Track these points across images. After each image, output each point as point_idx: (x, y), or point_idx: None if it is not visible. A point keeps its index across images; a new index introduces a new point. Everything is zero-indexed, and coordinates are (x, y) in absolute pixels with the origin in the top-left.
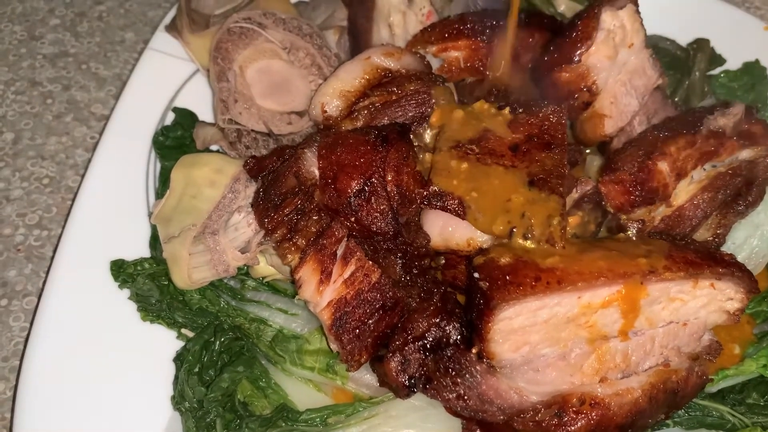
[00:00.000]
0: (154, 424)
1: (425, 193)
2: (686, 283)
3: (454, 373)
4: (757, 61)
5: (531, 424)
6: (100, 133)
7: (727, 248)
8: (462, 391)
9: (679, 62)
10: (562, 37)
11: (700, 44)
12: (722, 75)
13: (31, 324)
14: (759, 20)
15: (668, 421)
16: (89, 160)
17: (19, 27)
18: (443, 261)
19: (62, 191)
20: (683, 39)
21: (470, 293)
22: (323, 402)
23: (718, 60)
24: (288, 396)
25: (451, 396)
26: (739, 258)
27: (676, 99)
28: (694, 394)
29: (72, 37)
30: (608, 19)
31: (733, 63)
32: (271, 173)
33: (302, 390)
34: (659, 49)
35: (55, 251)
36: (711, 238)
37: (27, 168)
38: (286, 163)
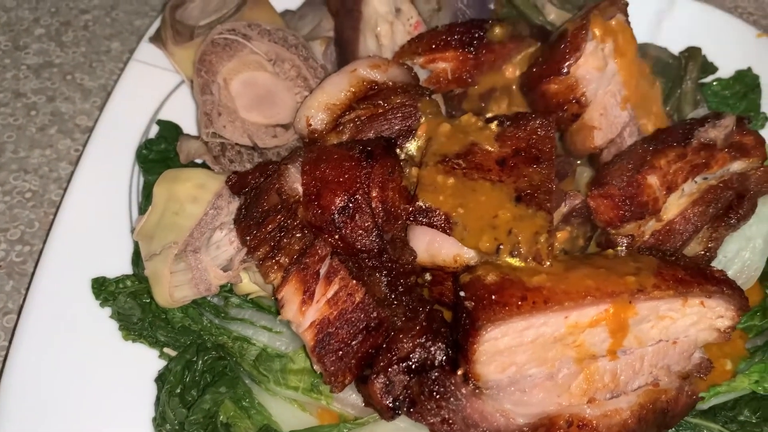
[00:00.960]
0: None
1: (411, 209)
2: (675, 302)
3: (438, 396)
4: (749, 69)
5: None
6: (84, 146)
7: (718, 261)
8: (447, 415)
9: (671, 70)
10: (550, 47)
11: (692, 52)
12: (715, 83)
13: (10, 343)
14: (752, 27)
15: None
16: (72, 174)
17: (3, 37)
18: (430, 277)
19: (45, 205)
20: (676, 46)
21: (457, 311)
22: (308, 422)
23: (711, 68)
24: (272, 416)
25: (435, 420)
26: (732, 271)
27: (668, 108)
28: (684, 413)
29: (57, 47)
30: (597, 29)
31: (726, 70)
32: (254, 189)
33: (287, 410)
34: (651, 56)
35: (35, 267)
36: (702, 252)
37: (9, 182)
38: (268, 179)
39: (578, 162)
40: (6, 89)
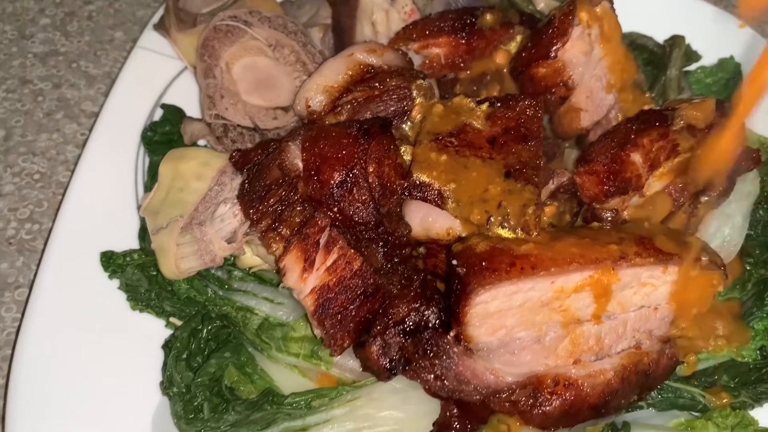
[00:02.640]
0: (143, 408)
1: (406, 184)
2: (656, 269)
3: (432, 354)
4: (731, 57)
5: (507, 404)
6: (90, 130)
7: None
8: (439, 372)
9: (657, 58)
10: (539, 32)
11: (676, 41)
12: (698, 71)
13: (23, 315)
14: (735, 17)
15: (642, 403)
16: (79, 156)
17: (9, 26)
18: (424, 250)
19: (53, 186)
20: (662, 35)
21: (449, 280)
22: (308, 387)
23: (695, 56)
24: (274, 381)
25: (429, 377)
26: (712, 247)
27: (653, 94)
28: (665, 375)
29: (62, 36)
30: (584, 15)
31: (709, 59)
32: (256, 165)
33: (287, 375)
34: (637, 45)
35: (46, 244)
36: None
37: (18, 164)
38: (270, 155)
39: (566, 144)
40: (13, 76)
